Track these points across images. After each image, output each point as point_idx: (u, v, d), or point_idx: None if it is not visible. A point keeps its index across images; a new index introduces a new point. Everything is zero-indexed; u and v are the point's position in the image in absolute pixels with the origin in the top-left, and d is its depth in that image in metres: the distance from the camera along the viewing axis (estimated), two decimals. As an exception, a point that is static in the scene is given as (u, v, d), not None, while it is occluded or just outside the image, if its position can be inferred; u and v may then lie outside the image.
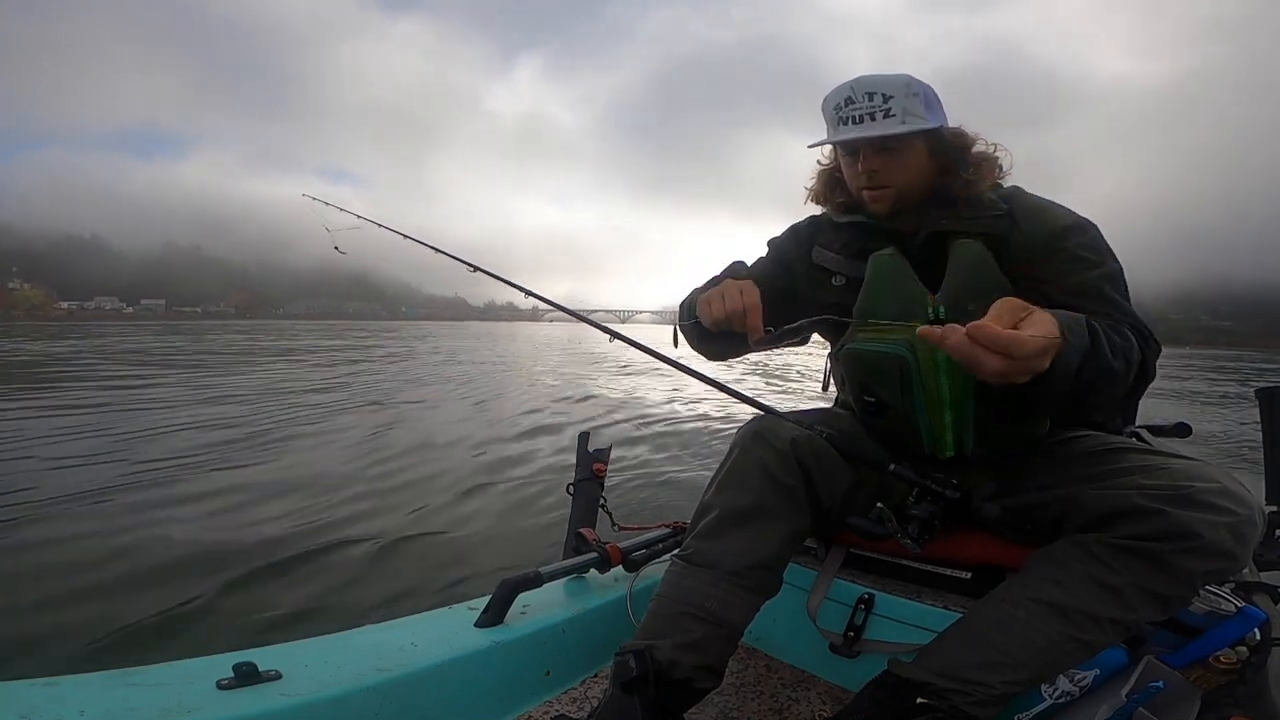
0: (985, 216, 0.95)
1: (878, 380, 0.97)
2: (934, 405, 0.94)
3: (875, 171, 0.97)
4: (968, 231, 0.94)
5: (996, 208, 0.96)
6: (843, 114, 0.95)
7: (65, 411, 6.55)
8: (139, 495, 3.58)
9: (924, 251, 0.97)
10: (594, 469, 1.42)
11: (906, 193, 0.98)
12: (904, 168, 0.97)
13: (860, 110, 0.94)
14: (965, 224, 0.95)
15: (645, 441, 5.73)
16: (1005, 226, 0.94)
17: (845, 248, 1.05)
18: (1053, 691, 0.86)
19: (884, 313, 0.94)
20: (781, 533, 0.92)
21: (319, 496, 3.64)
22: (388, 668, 0.88)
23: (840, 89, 0.96)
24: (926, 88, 0.95)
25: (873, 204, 1.00)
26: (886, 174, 0.97)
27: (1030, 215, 0.95)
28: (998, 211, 0.95)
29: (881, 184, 0.97)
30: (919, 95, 0.93)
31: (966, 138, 0.98)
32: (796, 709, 1.07)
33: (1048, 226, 0.93)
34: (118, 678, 0.78)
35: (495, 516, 3.44)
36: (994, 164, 0.98)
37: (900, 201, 0.98)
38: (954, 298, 0.91)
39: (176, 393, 8.35)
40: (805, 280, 1.10)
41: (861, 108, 0.93)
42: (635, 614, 1.18)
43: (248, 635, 2.03)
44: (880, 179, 0.97)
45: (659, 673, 0.84)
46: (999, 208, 0.96)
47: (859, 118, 0.94)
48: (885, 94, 0.92)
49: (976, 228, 0.94)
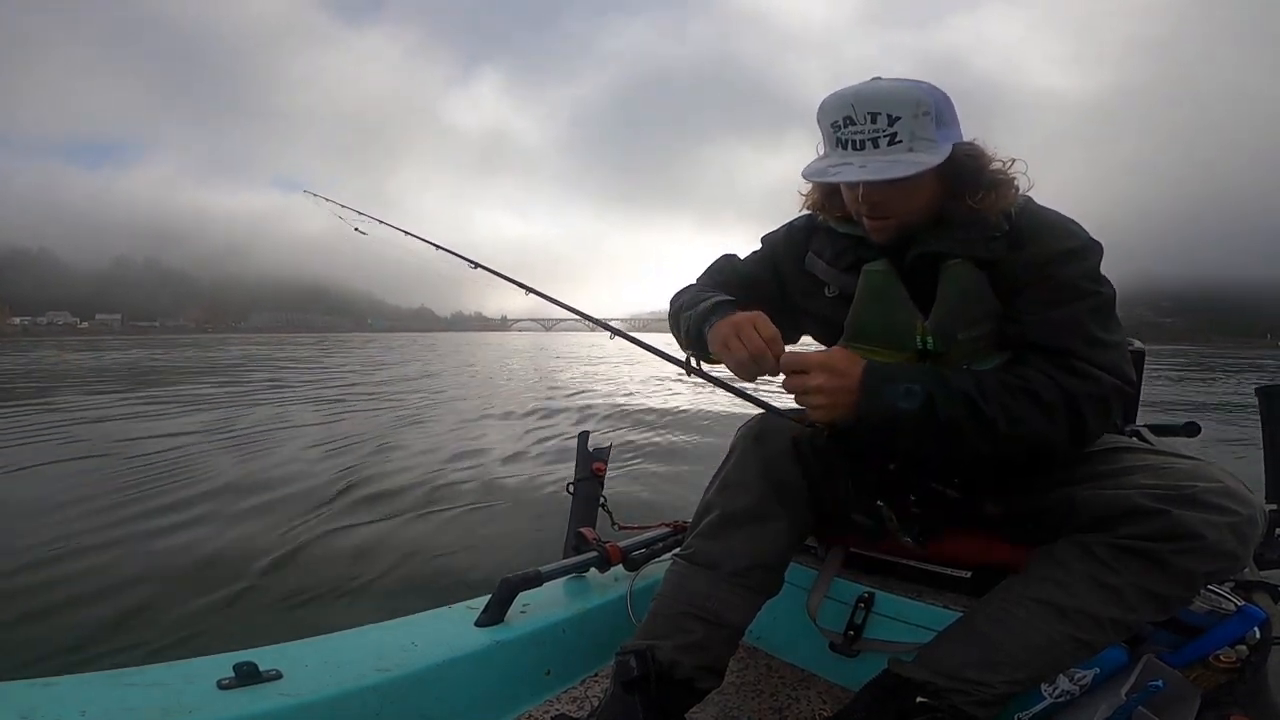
0: (981, 239, 0.86)
1: None
2: None
3: (876, 204, 0.86)
4: (959, 254, 0.86)
5: (996, 228, 0.86)
6: (841, 135, 0.83)
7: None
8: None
9: (917, 265, 0.89)
10: (594, 468, 1.42)
11: (910, 222, 0.88)
12: (908, 198, 0.85)
13: (861, 134, 0.81)
14: (958, 246, 0.86)
15: (644, 438, 5.74)
16: (1001, 249, 0.86)
17: (838, 259, 0.97)
18: (1053, 691, 0.86)
19: (873, 334, 0.91)
20: (783, 532, 0.92)
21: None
22: (388, 667, 0.88)
23: (840, 101, 0.82)
24: (939, 99, 0.82)
25: (873, 234, 0.90)
26: (888, 206, 0.86)
27: (1032, 236, 0.86)
28: (996, 233, 0.86)
29: (883, 215, 0.87)
30: (930, 114, 0.80)
31: (982, 157, 0.86)
32: (797, 708, 1.07)
33: (1043, 252, 0.85)
34: (118, 678, 0.78)
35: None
36: (1010, 186, 0.86)
37: (903, 230, 0.89)
38: (942, 326, 0.86)
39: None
40: (797, 287, 1.03)
41: (863, 131, 0.81)
42: (635, 613, 1.18)
43: (248, 635, 2.03)
44: (881, 210, 0.87)
45: (660, 673, 0.84)
46: (999, 228, 0.86)
47: (859, 143, 0.81)
48: (891, 114, 0.79)
49: (969, 251, 0.86)
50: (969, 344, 0.86)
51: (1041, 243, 0.85)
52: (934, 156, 0.80)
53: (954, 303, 0.86)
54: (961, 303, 0.86)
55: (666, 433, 6.22)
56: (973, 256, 0.86)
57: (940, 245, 0.87)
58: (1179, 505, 0.73)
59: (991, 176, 0.86)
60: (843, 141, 0.83)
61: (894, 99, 0.80)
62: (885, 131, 0.80)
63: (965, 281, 0.86)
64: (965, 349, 0.87)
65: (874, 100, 0.80)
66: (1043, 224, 0.87)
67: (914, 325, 0.88)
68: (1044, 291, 0.84)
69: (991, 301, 0.86)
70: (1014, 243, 0.86)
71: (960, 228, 0.87)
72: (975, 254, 0.86)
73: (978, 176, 0.85)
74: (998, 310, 0.86)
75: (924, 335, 0.87)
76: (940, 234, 0.87)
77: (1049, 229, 0.87)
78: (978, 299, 0.86)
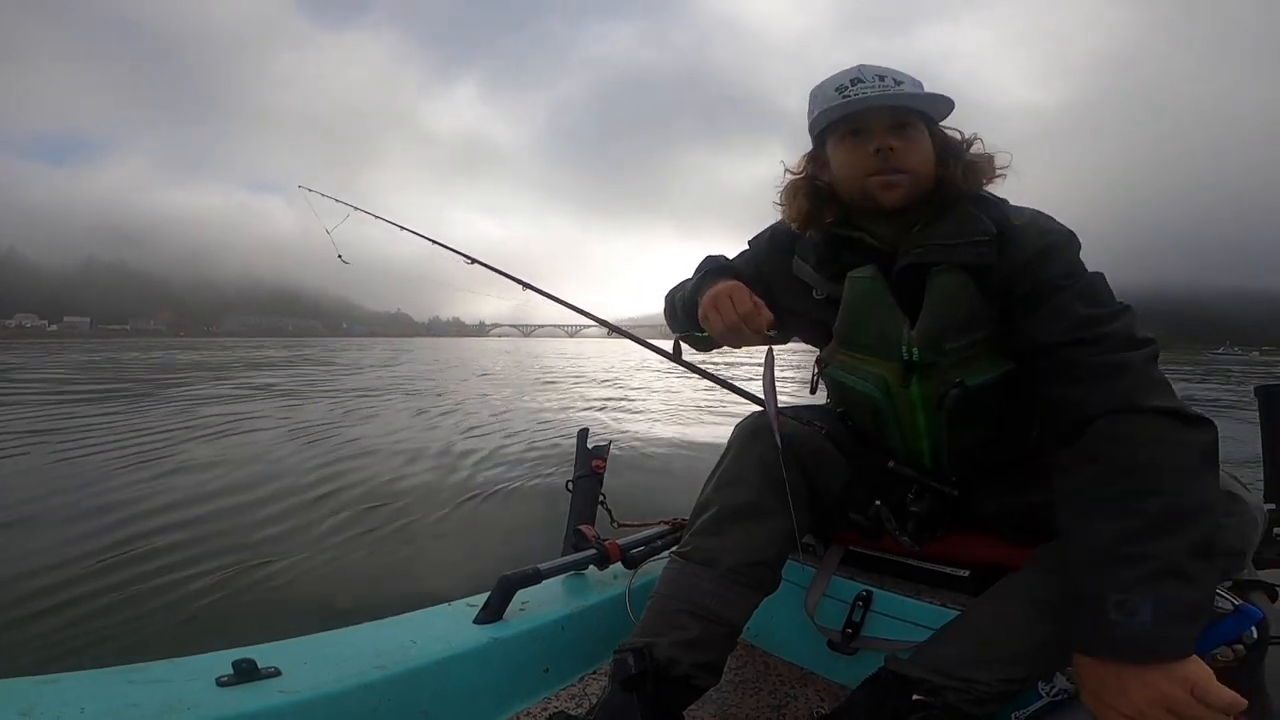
0: (968, 245, 0.84)
1: (854, 410, 0.98)
2: (911, 437, 0.93)
3: (892, 150, 0.84)
4: (947, 260, 0.85)
5: (984, 230, 0.85)
6: (849, 93, 0.85)
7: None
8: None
9: (903, 274, 0.88)
10: (593, 465, 1.42)
11: (917, 184, 0.87)
12: (918, 151, 0.86)
13: (872, 88, 0.84)
14: (945, 254, 0.85)
15: (641, 434, 5.75)
16: (991, 255, 0.84)
17: (822, 265, 0.95)
18: (1050, 689, 0.86)
19: (861, 341, 0.91)
20: (781, 530, 0.92)
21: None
22: (387, 664, 0.88)
23: (844, 71, 0.87)
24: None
25: (885, 191, 0.86)
26: (903, 155, 0.85)
27: (1013, 237, 0.85)
28: (983, 236, 0.84)
29: (897, 167, 0.85)
30: (921, 86, 0.87)
31: (965, 139, 0.90)
32: (794, 706, 1.07)
33: (1025, 252, 0.83)
34: (118, 674, 0.79)
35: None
36: (990, 163, 0.89)
37: (913, 191, 0.87)
38: (929, 336, 0.85)
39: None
40: (784, 289, 1.01)
41: (872, 86, 0.84)
42: (634, 611, 1.18)
43: (247, 632, 2.03)
44: (896, 160, 0.85)
45: (658, 671, 0.84)
46: (987, 230, 0.85)
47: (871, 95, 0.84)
48: (895, 78, 0.85)
49: (956, 258, 0.84)
50: (957, 354, 0.85)
51: (1021, 243, 0.84)
52: (943, 104, 0.87)
53: (940, 311, 0.84)
54: (949, 311, 0.84)
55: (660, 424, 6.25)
56: (961, 264, 0.84)
57: (928, 255, 0.85)
58: None
59: (974, 156, 0.89)
60: (850, 97, 0.85)
61: (895, 71, 0.87)
62: (894, 88, 0.85)
63: (952, 289, 0.84)
64: (954, 359, 0.85)
65: (879, 68, 0.87)
66: (1019, 225, 0.86)
67: (901, 334, 0.86)
68: (1048, 304, 0.81)
69: (981, 309, 0.84)
70: (1002, 248, 0.84)
71: (949, 225, 0.86)
72: (963, 261, 0.84)
73: (960, 150, 0.89)
74: (987, 317, 0.85)
75: (910, 345, 0.86)
76: (923, 240, 0.86)
77: (1023, 229, 0.85)
78: (966, 307, 0.84)
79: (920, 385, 0.88)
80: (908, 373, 0.88)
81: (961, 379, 0.85)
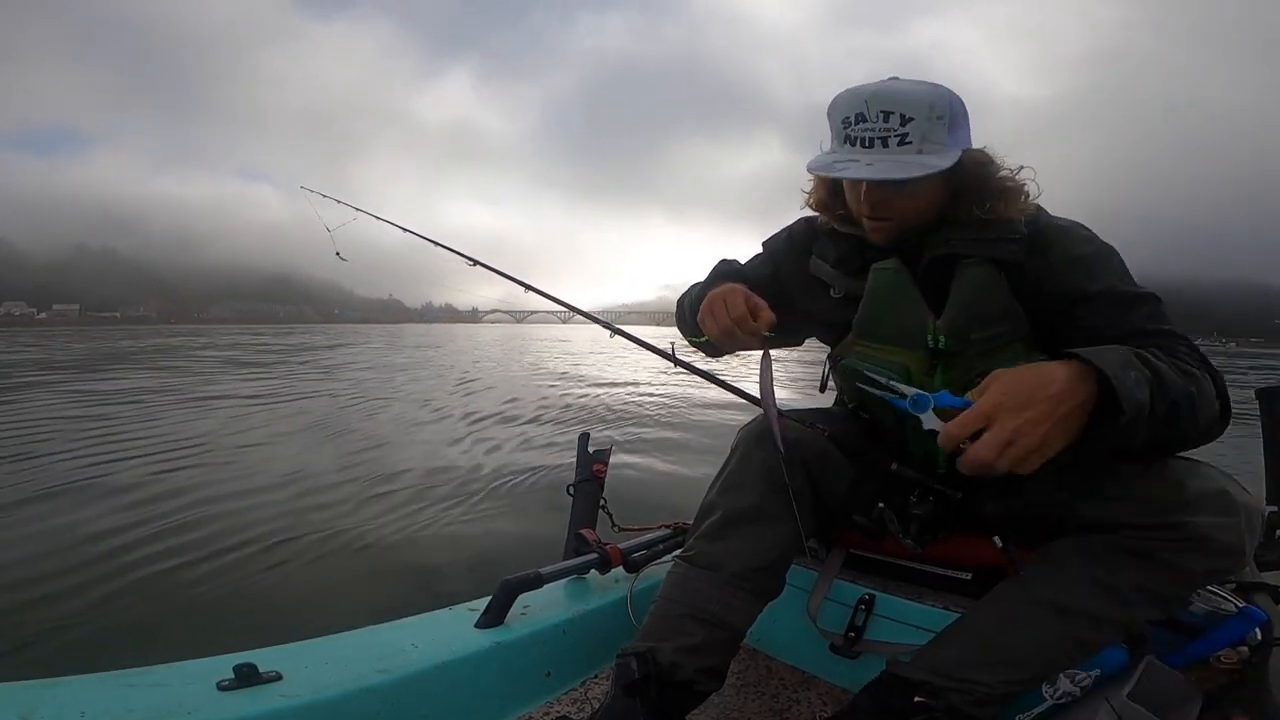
0: (998, 240, 0.85)
1: (869, 403, 0.97)
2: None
3: (878, 203, 0.86)
4: (975, 255, 0.85)
5: (1014, 230, 0.85)
6: (851, 132, 0.82)
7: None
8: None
9: (930, 267, 0.89)
10: (594, 470, 1.42)
11: (910, 225, 0.88)
12: (912, 199, 0.85)
13: (872, 132, 0.80)
14: (974, 248, 0.85)
15: (641, 434, 5.74)
16: (1020, 254, 0.84)
17: (841, 263, 0.96)
18: (1054, 692, 0.85)
19: (883, 333, 0.91)
20: (785, 534, 0.92)
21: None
22: (388, 668, 0.88)
23: (854, 97, 0.82)
24: (953, 102, 0.81)
25: (872, 234, 0.90)
26: (889, 207, 0.86)
27: (1051, 241, 0.85)
28: (1014, 235, 0.84)
29: (884, 216, 0.87)
30: (944, 119, 0.80)
31: (990, 164, 0.85)
32: (797, 710, 1.07)
33: (1063, 257, 0.84)
34: (118, 678, 0.78)
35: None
36: (1019, 193, 0.85)
37: (903, 233, 0.89)
38: (956, 325, 0.85)
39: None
40: (800, 289, 1.02)
41: (874, 129, 0.80)
42: (636, 615, 1.17)
43: (247, 636, 2.02)
44: (882, 210, 0.86)
45: (661, 675, 0.84)
46: (1017, 230, 0.85)
47: (868, 140, 0.81)
48: (904, 114, 0.79)
49: (986, 253, 0.85)
50: (983, 344, 0.86)
51: (1062, 247, 0.85)
52: (942, 161, 0.80)
53: (969, 299, 0.85)
54: (976, 302, 0.85)
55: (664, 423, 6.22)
56: (990, 258, 0.85)
57: (956, 247, 0.86)
58: (1178, 506, 0.73)
59: (1000, 183, 0.85)
60: (851, 138, 0.82)
61: (909, 100, 0.79)
62: (896, 131, 0.79)
63: (981, 281, 0.85)
64: (980, 349, 0.86)
65: (889, 99, 0.80)
66: (1057, 232, 0.87)
67: (926, 323, 0.87)
68: (1094, 309, 0.81)
69: (1009, 303, 0.85)
70: (1033, 248, 0.85)
71: (972, 228, 0.86)
72: (992, 255, 0.85)
73: (985, 183, 0.85)
74: (1016, 313, 0.86)
75: (936, 334, 0.86)
76: (951, 235, 0.87)
77: (1061, 236, 0.86)
78: (993, 299, 0.85)
79: (945, 374, 0.88)
80: (933, 361, 0.88)
81: (986, 369, 0.85)
